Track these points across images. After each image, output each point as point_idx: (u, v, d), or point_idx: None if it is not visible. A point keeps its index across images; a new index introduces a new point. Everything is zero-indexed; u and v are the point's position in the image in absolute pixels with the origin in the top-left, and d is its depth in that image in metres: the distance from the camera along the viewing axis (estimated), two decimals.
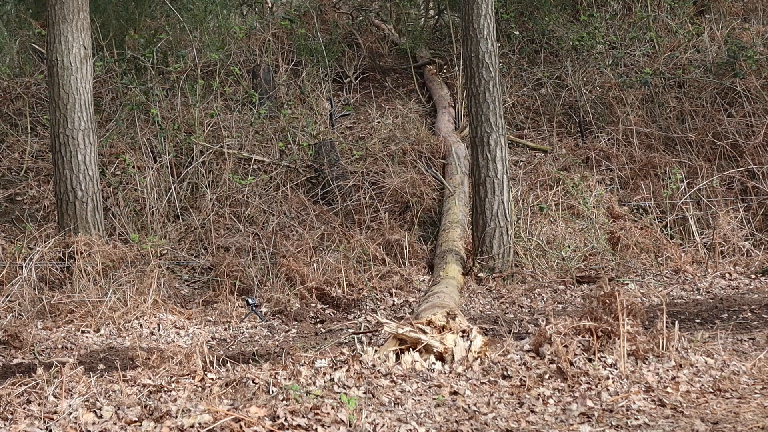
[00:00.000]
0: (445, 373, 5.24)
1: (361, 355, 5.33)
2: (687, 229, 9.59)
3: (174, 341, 7.09)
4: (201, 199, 9.76)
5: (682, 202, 9.75)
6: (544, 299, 8.10)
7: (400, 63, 13.36)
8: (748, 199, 9.88)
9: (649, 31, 12.31)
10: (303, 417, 4.37)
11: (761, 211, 9.74)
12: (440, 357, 5.41)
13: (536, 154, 10.99)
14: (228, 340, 7.29)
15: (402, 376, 5.16)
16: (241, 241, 9.02)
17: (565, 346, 5.29)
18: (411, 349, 5.40)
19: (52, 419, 4.35)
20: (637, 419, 4.56)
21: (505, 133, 8.77)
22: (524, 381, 5.09)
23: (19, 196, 9.97)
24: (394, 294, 8.28)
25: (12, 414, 4.42)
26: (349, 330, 7.35)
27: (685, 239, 9.49)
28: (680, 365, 5.27)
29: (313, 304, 8.05)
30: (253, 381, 4.91)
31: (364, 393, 4.88)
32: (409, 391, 4.95)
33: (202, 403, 4.47)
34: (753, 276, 8.62)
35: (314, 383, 4.93)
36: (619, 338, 5.30)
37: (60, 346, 7.02)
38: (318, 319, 7.78)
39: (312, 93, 11.81)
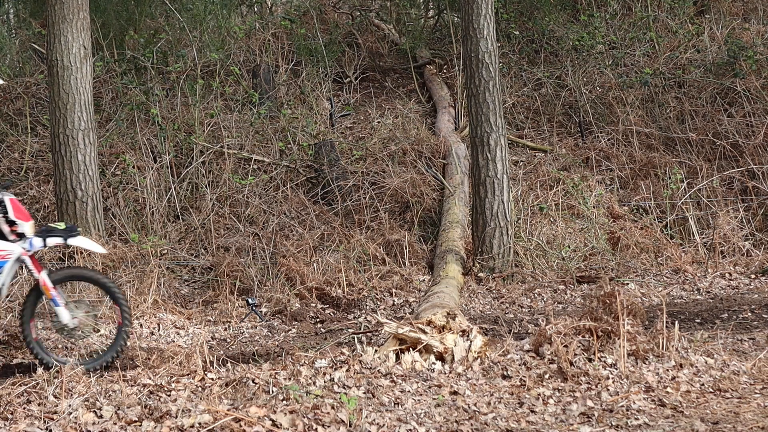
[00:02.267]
0: (445, 373, 5.24)
1: (361, 355, 5.33)
2: (687, 229, 9.59)
3: (174, 341, 7.09)
4: (201, 199, 9.76)
5: (682, 202, 9.75)
6: (544, 299, 8.10)
7: (400, 63, 13.36)
8: (748, 199, 9.88)
9: (649, 31, 12.30)
10: (303, 417, 4.37)
11: (761, 211, 9.74)
12: (440, 357, 5.41)
13: (536, 154, 10.99)
14: (228, 340, 7.29)
15: (402, 376, 5.16)
16: (241, 241, 9.02)
17: (565, 346, 5.29)
18: (411, 349, 5.40)
19: (52, 419, 4.35)
20: (637, 419, 4.56)
21: (505, 133, 8.78)
22: (524, 381, 5.09)
23: (19, 196, 9.97)
24: (394, 294, 8.28)
25: (12, 414, 4.42)
26: (349, 330, 7.35)
27: (685, 239, 9.49)
28: (680, 365, 5.27)
29: (313, 304, 8.05)
30: (253, 381, 4.91)
31: (364, 393, 4.88)
32: (409, 391, 4.95)
33: (202, 403, 4.47)
34: (753, 276, 8.62)
35: (314, 383, 4.94)
36: (619, 338, 5.30)
37: (60, 346, 7.02)
38: (318, 319, 7.78)
39: (312, 93, 11.81)
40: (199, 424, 4.25)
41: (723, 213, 9.51)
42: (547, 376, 5.14)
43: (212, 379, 5.06)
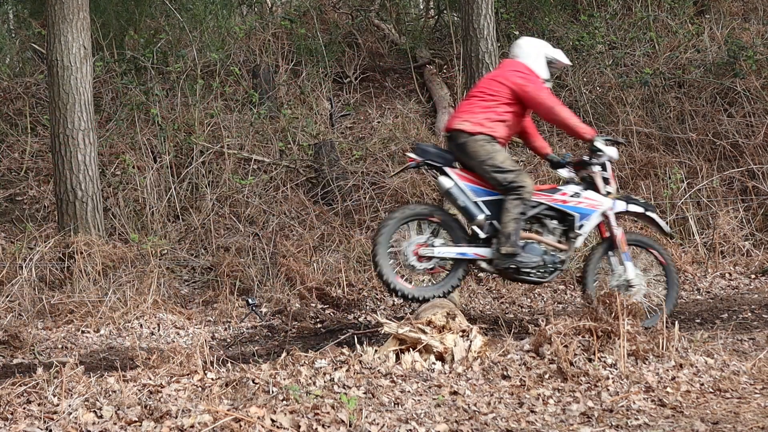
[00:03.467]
0: (445, 373, 5.24)
1: (361, 355, 5.33)
2: (687, 229, 9.58)
3: (174, 341, 7.09)
4: (201, 199, 9.76)
5: (682, 202, 9.75)
6: (544, 299, 8.10)
7: (400, 63, 13.36)
8: (748, 199, 9.87)
9: (649, 31, 12.30)
10: (303, 417, 4.37)
11: (761, 211, 9.74)
12: (440, 357, 5.41)
13: (536, 154, 10.97)
14: (228, 340, 7.29)
15: (402, 376, 5.16)
16: (241, 241, 9.02)
17: (565, 346, 5.29)
18: (411, 349, 5.40)
19: (52, 419, 4.35)
20: (637, 419, 4.56)
21: None
22: (524, 381, 5.09)
23: (19, 196, 9.97)
24: None
25: (12, 414, 4.42)
26: (349, 330, 7.35)
27: (685, 239, 9.49)
28: (680, 365, 5.27)
29: (313, 304, 8.05)
30: (253, 381, 4.90)
31: (364, 393, 4.87)
32: (409, 391, 4.95)
33: (202, 403, 4.47)
34: (753, 276, 8.62)
35: (314, 383, 4.93)
36: (619, 338, 5.30)
37: (60, 346, 7.02)
38: (318, 319, 7.78)
39: (312, 93, 11.81)
40: (199, 424, 4.25)
41: (723, 213, 9.51)
42: (547, 376, 5.14)
43: (212, 379, 5.06)
